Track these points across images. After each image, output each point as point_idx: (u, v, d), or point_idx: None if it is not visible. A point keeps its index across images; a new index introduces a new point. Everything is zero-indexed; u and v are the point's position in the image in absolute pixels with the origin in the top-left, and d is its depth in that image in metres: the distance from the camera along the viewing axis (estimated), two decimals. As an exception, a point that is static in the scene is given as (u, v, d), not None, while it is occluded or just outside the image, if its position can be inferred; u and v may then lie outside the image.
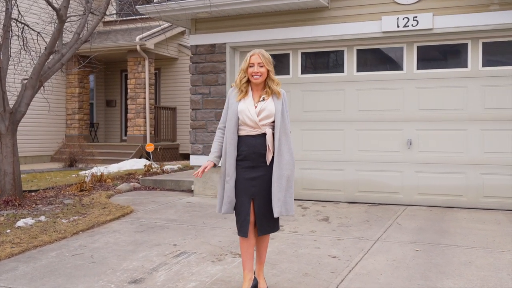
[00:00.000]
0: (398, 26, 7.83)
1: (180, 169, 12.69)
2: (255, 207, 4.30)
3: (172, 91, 18.10)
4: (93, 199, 8.54)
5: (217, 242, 6.05)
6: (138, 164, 14.35)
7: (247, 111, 4.26)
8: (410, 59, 8.10)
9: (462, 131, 7.85)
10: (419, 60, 8.07)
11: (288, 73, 8.84)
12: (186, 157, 17.68)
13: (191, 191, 9.61)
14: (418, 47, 8.07)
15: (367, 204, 8.24)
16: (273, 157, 4.29)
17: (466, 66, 7.84)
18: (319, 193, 8.57)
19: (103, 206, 7.97)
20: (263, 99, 4.32)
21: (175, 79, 18.05)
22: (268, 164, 4.29)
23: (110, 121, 19.23)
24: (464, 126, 7.83)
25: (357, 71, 8.42)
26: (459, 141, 7.87)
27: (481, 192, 7.76)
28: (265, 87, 4.38)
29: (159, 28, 16.51)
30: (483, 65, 7.74)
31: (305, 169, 8.60)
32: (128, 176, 11.28)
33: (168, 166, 12.56)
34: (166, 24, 16.87)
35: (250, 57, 4.33)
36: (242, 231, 4.29)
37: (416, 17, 7.73)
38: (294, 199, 4.50)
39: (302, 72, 8.74)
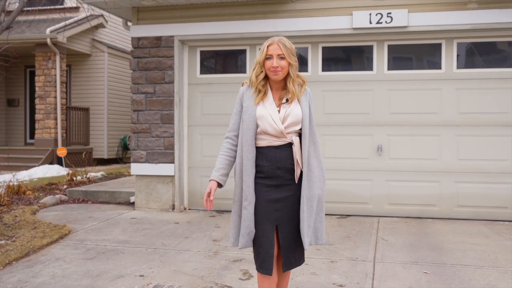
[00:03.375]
0: (370, 23, 7.20)
1: (105, 177, 11.35)
2: (279, 236, 3.40)
3: (85, 90, 16.50)
4: (16, 216, 7.14)
5: (192, 270, 5.04)
6: (52, 171, 12.80)
7: (268, 118, 3.34)
8: (380, 58, 7.51)
9: (435, 137, 7.37)
10: (390, 60, 7.50)
11: (245, 72, 7.96)
12: (100, 162, 16.20)
13: (130, 204, 8.42)
14: (389, 46, 7.49)
15: (335, 216, 7.54)
16: (301, 173, 3.43)
17: (440, 68, 7.36)
18: (280, 204, 7.73)
19: (33, 226, 6.63)
20: (287, 101, 3.42)
21: (88, 77, 16.47)
22: (296, 181, 3.41)
23: (11, 123, 17.21)
24: (438, 131, 7.35)
25: (323, 70, 7.70)
26: (432, 147, 7.38)
27: (455, 201, 7.32)
28: (287, 85, 3.47)
29: (72, 20, 15.01)
30: (458, 67, 7.30)
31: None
32: (50, 186, 9.81)
33: (92, 174, 11.17)
34: (81, 16, 15.43)
35: (268, 47, 3.39)
36: (265, 268, 3.35)
37: (390, 13, 7.14)
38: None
39: (261, 71, 7.88)
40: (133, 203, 8.30)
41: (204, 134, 8.04)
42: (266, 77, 3.44)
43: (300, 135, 3.44)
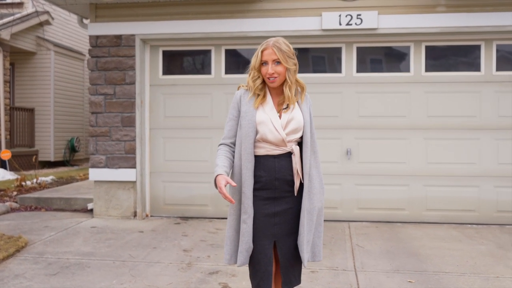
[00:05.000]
0: (340, 24, 7.06)
1: (56, 182, 10.77)
2: (277, 253, 3.17)
3: (29, 90, 15.73)
4: (-36, 227, 6.60)
5: (167, 285, 4.73)
6: (-4, 175, 12.09)
7: (269, 124, 3.10)
8: (349, 61, 7.38)
9: (404, 140, 7.31)
10: (359, 62, 7.39)
11: (209, 73, 7.66)
12: (47, 165, 15.49)
13: (88, 211, 7.97)
14: (358, 48, 7.38)
15: (305, 221, 7.36)
16: (300, 185, 3.20)
17: (408, 71, 7.31)
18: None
19: (-16, 238, 6.13)
20: (287, 106, 3.19)
21: (33, 76, 15.71)
22: (295, 193, 3.18)
23: None
24: (407, 134, 7.30)
25: (290, 72, 7.50)
26: (401, 150, 7.32)
27: (424, 205, 7.29)
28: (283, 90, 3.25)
29: (18, 15, 14.26)
30: (426, 70, 7.27)
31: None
32: (-2, 193, 9.18)
33: (42, 178, 10.57)
34: (25, 12, 14.69)
35: (262, 52, 3.17)
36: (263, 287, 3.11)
37: (360, 15, 7.03)
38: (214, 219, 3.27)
39: (227, 72, 7.62)
40: (91, 210, 7.86)
41: (167, 138, 7.70)
42: (264, 81, 3.22)
43: (299, 144, 3.23)
